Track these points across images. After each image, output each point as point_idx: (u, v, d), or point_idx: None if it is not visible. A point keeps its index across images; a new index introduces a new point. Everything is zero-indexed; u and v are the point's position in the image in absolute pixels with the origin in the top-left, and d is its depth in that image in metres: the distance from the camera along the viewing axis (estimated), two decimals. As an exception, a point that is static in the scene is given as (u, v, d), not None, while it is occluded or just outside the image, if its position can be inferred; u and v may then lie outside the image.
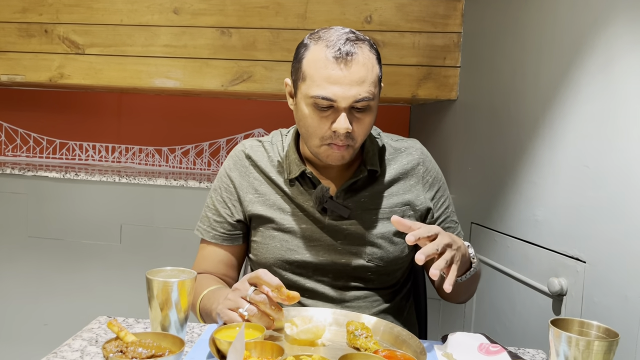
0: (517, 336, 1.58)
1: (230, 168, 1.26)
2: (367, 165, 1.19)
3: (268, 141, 1.27)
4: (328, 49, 1.06)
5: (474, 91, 2.06)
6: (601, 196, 1.24)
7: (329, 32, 1.09)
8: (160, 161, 2.92)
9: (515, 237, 1.62)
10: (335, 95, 1.05)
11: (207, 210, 1.28)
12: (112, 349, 0.79)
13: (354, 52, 1.05)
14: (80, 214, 2.39)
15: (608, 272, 1.21)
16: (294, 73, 1.13)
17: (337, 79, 1.04)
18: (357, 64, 1.05)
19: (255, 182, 1.23)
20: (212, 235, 1.25)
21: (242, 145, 1.28)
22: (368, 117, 1.10)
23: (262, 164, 1.23)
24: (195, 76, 2.34)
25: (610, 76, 1.23)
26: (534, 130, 1.54)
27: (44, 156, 2.96)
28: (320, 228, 1.19)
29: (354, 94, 1.05)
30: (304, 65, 1.09)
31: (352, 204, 1.19)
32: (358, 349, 0.93)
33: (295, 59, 1.13)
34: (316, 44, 1.08)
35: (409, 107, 2.86)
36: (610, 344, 0.76)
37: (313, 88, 1.06)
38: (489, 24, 1.93)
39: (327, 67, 1.05)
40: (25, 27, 2.40)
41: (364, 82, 1.06)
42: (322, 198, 1.16)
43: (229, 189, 1.25)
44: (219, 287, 1.17)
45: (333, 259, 1.18)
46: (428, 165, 1.27)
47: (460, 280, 1.06)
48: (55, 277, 2.40)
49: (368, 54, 1.08)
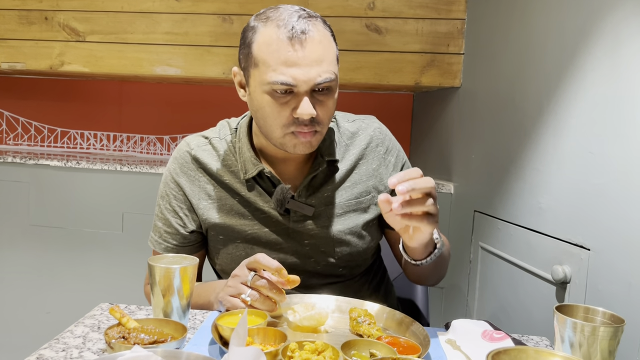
0: (521, 324, 1.58)
1: (176, 173, 1.15)
2: (324, 156, 1.11)
3: (216, 137, 1.16)
4: (280, 29, 0.96)
5: (477, 78, 2.04)
6: (606, 183, 1.23)
7: (277, 10, 1.00)
8: (162, 149, 2.92)
9: (518, 225, 1.61)
10: (295, 79, 0.96)
11: (157, 220, 1.17)
12: (114, 335, 0.79)
13: (309, 29, 0.97)
14: (82, 203, 2.39)
15: (612, 259, 1.21)
16: (243, 60, 1.03)
17: (295, 60, 0.96)
18: (313, 42, 0.97)
19: (207, 186, 1.13)
20: (164, 247, 1.16)
21: (187, 144, 1.16)
22: (331, 99, 1.02)
23: (212, 165, 1.13)
24: (196, 64, 2.32)
25: (617, 61, 1.22)
26: (538, 117, 1.53)
27: (45, 145, 2.95)
28: (284, 231, 1.12)
29: (314, 75, 0.96)
30: (254, 50, 0.99)
31: (315, 201, 1.11)
32: (361, 335, 0.92)
33: (243, 44, 1.03)
34: (265, 25, 0.99)
35: (412, 95, 2.84)
36: (615, 330, 0.76)
37: (269, 74, 0.97)
38: (493, 10, 1.91)
39: (281, 49, 0.96)
40: (26, 14, 2.38)
41: (323, 61, 0.97)
42: (284, 199, 1.08)
43: (179, 196, 1.14)
44: (205, 282, 1.15)
45: (302, 262, 1.13)
46: (388, 144, 1.19)
47: (426, 262, 1.00)
48: (57, 265, 2.40)
49: (323, 30, 1.00)
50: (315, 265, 1.14)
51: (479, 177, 1.94)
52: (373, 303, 1.04)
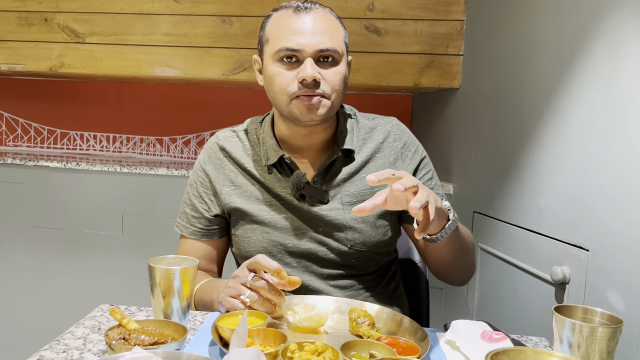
0: (520, 325, 1.58)
1: (205, 161, 1.23)
2: (339, 145, 1.16)
3: (242, 130, 1.25)
4: (287, 9, 1.10)
5: (477, 79, 2.05)
6: (605, 184, 1.24)
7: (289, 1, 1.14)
8: (162, 151, 2.92)
9: (518, 226, 1.62)
10: (299, 44, 1.06)
11: (185, 206, 1.25)
12: (114, 336, 0.79)
13: (313, 7, 1.10)
14: (82, 204, 2.39)
15: (611, 260, 1.21)
16: (259, 44, 1.15)
17: (300, 29, 1.06)
18: (317, 14, 1.09)
19: (231, 174, 1.20)
20: (191, 231, 1.23)
21: (216, 137, 1.25)
22: (336, 68, 1.09)
23: (237, 154, 1.21)
24: (196, 65, 2.32)
25: (616, 62, 1.22)
26: (537, 118, 1.53)
27: (45, 146, 2.95)
28: (301, 216, 1.16)
29: (317, 42, 1.06)
30: (266, 31, 1.12)
31: (329, 188, 1.16)
32: (361, 336, 0.93)
33: (261, 30, 1.15)
34: (277, 11, 1.12)
35: (411, 96, 2.84)
36: (614, 331, 0.76)
37: (276, 43, 1.08)
38: (492, 11, 1.91)
39: (288, 20, 1.08)
40: (25, 15, 2.39)
41: (326, 33, 1.07)
42: (299, 184, 1.14)
43: (205, 183, 1.22)
44: (212, 279, 1.16)
45: (316, 247, 1.16)
46: (406, 139, 1.23)
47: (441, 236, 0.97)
48: (57, 267, 2.41)
49: (329, 14, 1.12)
50: (328, 252, 1.17)
51: (479, 178, 1.94)
52: (372, 304, 1.04)
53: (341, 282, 1.18)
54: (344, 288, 1.18)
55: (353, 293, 1.19)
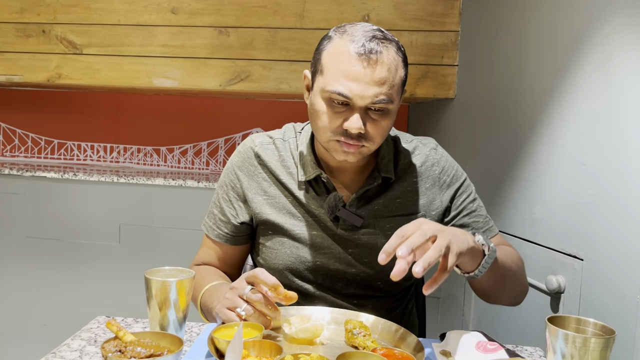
0: (516, 334, 1.58)
1: (238, 166, 1.20)
2: (381, 172, 1.14)
3: (280, 138, 1.21)
4: (352, 44, 1.00)
5: (471, 90, 2.06)
6: (598, 194, 1.25)
7: (355, 27, 1.03)
8: (159, 161, 2.93)
9: (513, 235, 1.62)
10: (352, 92, 0.99)
11: (214, 207, 1.24)
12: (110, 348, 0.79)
13: (379, 50, 0.99)
14: (79, 214, 2.39)
15: (605, 269, 1.22)
16: (313, 65, 1.08)
17: (357, 76, 0.99)
18: (381, 63, 0.99)
19: (264, 183, 1.18)
20: (217, 234, 1.22)
21: (252, 141, 1.21)
22: (385, 120, 1.04)
23: (272, 164, 1.18)
24: (193, 76, 2.34)
25: (607, 74, 1.24)
26: (531, 128, 1.54)
27: (42, 156, 2.95)
28: (331, 236, 1.15)
29: (372, 95, 0.99)
30: (323, 58, 1.04)
31: (365, 213, 1.14)
32: (356, 347, 0.93)
33: (317, 50, 1.07)
34: (340, 38, 1.02)
35: (407, 106, 2.86)
36: (606, 341, 0.76)
37: (330, 82, 1.01)
38: (487, 23, 1.93)
39: (348, 62, 0.99)
40: (23, 27, 2.40)
41: (384, 84, 1.00)
42: (335, 207, 1.12)
43: (236, 188, 1.20)
44: (220, 282, 1.15)
45: (343, 268, 1.15)
46: (444, 164, 1.20)
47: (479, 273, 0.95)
48: (53, 277, 2.40)
49: (394, 55, 1.01)
50: (355, 274, 1.16)
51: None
52: (368, 315, 1.05)
53: (363, 302, 1.17)
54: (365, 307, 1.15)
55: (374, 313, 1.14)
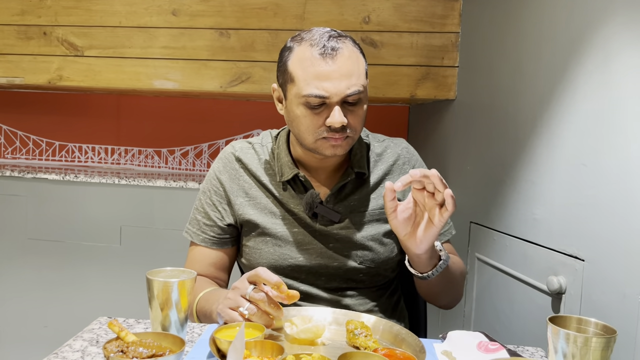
0: (517, 335, 1.58)
1: (220, 171, 1.25)
2: (354, 168, 1.20)
3: (258, 143, 1.26)
4: (313, 48, 1.07)
5: (472, 91, 2.07)
6: (599, 194, 1.25)
7: (310, 32, 1.10)
8: (160, 162, 2.93)
9: (514, 236, 1.62)
10: (327, 90, 1.05)
11: (197, 213, 1.26)
12: (112, 349, 0.79)
13: (339, 47, 1.07)
14: (80, 216, 2.39)
15: (606, 270, 1.22)
16: (281, 76, 1.14)
17: (327, 74, 1.05)
18: (343, 57, 1.06)
19: (246, 185, 1.22)
20: (202, 238, 1.25)
21: (232, 147, 1.27)
22: (360, 108, 1.10)
23: (253, 167, 1.23)
24: (194, 77, 2.34)
25: (608, 74, 1.24)
26: (532, 129, 1.55)
27: (43, 158, 2.96)
28: (311, 232, 1.19)
29: (345, 87, 1.06)
30: (290, 67, 1.10)
31: (342, 208, 1.20)
32: (358, 347, 0.93)
33: (280, 62, 1.13)
34: (300, 45, 1.09)
35: (407, 107, 2.86)
36: (608, 341, 0.76)
37: (304, 87, 1.07)
38: (487, 24, 1.94)
39: (314, 64, 1.06)
40: (24, 29, 2.41)
41: (352, 75, 1.07)
42: (313, 204, 1.17)
43: (219, 192, 1.24)
44: (215, 288, 1.17)
45: (325, 263, 1.19)
46: (414, 162, 1.28)
47: (432, 274, 1.07)
48: (55, 279, 2.40)
49: (352, 47, 1.09)
50: (338, 267, 1.20)
51: (475, 189, 1.95)
52: (369, 315, 1.05)
53: (347, 293, 1.21)
54: (349, 298, 1.21)
55: (358, 301, 1.21)
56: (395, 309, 1.31)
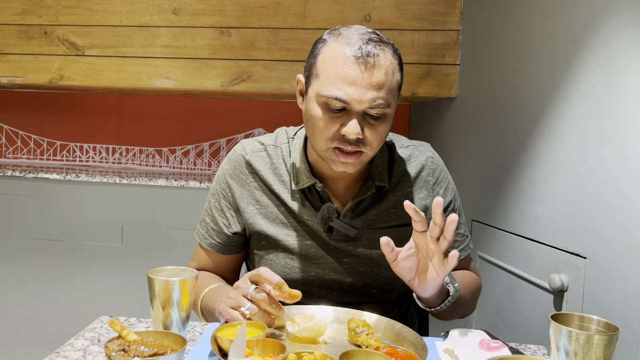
0: (519, 332, 1.58)
1: (229, 174, 1.18)
2: (374, 180, 1.12)
3: (271, 144, 1.18)
4: (348, 47, 0.97)
5: (473, 89, 2.06)
6: (601, 192, 1.24)
7: (350, 29, 1.01)
8: (161, 162, 2.93)
9: (516, 234, 1.62)
10: (350, 97, 0.97)
11: (206, 215, 1.22)
12: (114, 347, 0.79)
13: (377, 53, 0.97)
14: (81, 215, 2.39)
15: (608, 267, 1.22)
16: (308, 69, 1.05)
17: (354, 79, 0.96)
18: (379, 67, 0.97)
19: (256, 192, 1.16)
20: (209, 243, 1.20)
21: (243, 148, 1.18)
22: (383, 125, 1.01)
23: (264, 172, 1.15)
24: (194, 76, 2.34)
25: (610, 72, 1.23)
26: (533, 127, 1.54)
27: (44, 158, 2.96)
28: (325, 246, 1.14)
29: (370, 99, 0.97)
30: (319, 62, 1.01)
31: (359, 223, 1.13)
32: (359, 346, 0.93)
33: (311, 54, 1.04)
34: (336, 41, 1.00)
35: (408, 105, 2.86)
36: (610, 338, 0.76)
37: (326, 87, 0.98)
38: (488, 21, 1.93)
39: (345, 65, 0.97)
40: (25, 29, 2.41)
41: (382, 88, 0.97)
42: (329, 218, 1.11)
43: (228, 197, 1.18)
44: (220, 285, 1.15)
45: (339, 278, 1.15)
46: (438, 174, 1.20)
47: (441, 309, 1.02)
48: (57, 278, 2.41)
49: (391, 58, 0.99)
50: (351, 284, 1.15)
51: (477, 187, 1.95)
52: (371, 313, 1.05)
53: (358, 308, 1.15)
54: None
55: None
56: (406, 317, 1.28)
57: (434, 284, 0.96)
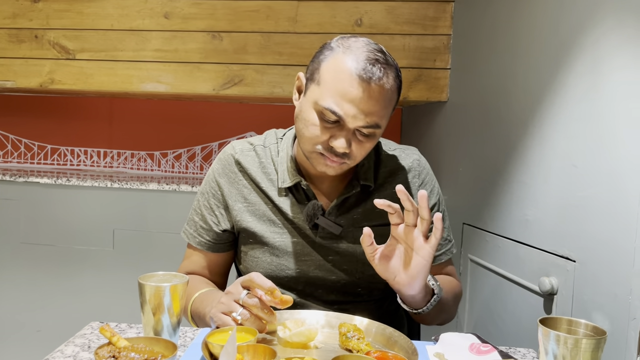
0: (510, 336, 1.59)
1: (219, 173, 1.21)
2: (360, 180, 1.15)
3: (260, 144, 1.21)
4: (355, 63, 0.99)
5: (464, 93, 2.08)
6: (590, 196, 1.26)
7: (358, 43, 1.02)
8: (153, 165, 2.92)
9: (506, 237, 1.63)
10: (346, 114, 0.99)
11: (194, 214, 1.24)
12: (104, 354, 0.79)
13: (381, 77, 0.99)
14: (73, 220, 2.38)
15: (597, 270, 1.23)
16: (310, 71, 1.06)
17: (354, 99, 0.98)
18: (380, 92, 1.00)
19: (245, 190, 1.18)
20: (198, 241, 1.22)
21: (232, 148, 1.22)
22: (370, 142, 1.05)
23: (252, 171, 1.18)
24: (186, 80, 2.34)
25: (598, 76, 1.25)
26: (523, 130, 1.55)
27: (35, 162, 2.94)
28: (311, 243, 1.16)
29: (364, 118, 1.00)
30: (322, 68, 1.02)
31: (344, 221, 1.15)
32: (350, 350, 0.93)
33: (316, 57, 1.06)
34: (344, 53, 1.01)
35: (400, 109, 2.87)
36: (598, 342, 0.77)
37: (326, 97, 1.00)
38: (478, 26, 1.95)
39: (348, 82, 0.98)
40: (16, 32, 2.40)
41: (380, 111, 1.01)
42: (314, 215, 1.13)
43: (217, 195, 1.20)
44: (210, 289, 1.16)
45: (324, 275, 1.16)
46: (424, 177, 1.23)
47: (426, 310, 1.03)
48: (47, 283, 2.39)
49: (392, 82, 1.02)
50: (336, 281, 1.17)
51: (467, 190, 1.96)
52: (362, 318, 1.05)
53: (344, 307, 1.18)
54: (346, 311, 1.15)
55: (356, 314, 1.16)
56: (395, 317, 1.28)
57: (420, 273, 0.97)
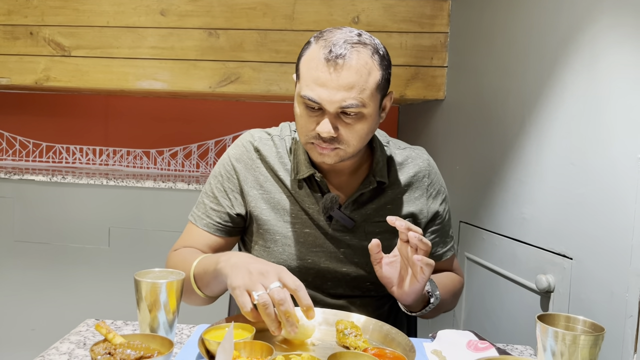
0: (507, 333, 1.59)
1: (236, 158, 1.20)
2: (376, 176, 1.16)
3: (277, 135, 1.22)
4: (322, 50, 1.02)
5: (461, 91, 2.08)
6: (587, 193, 1.26)
7: (333, 32, 1.05)
8: (149, 163, 2.91)
9: (503, 235, 1.63)
10: (321, 98, 1.02)
11: (204, 197, 1.22)
12: (100, 351, 0.79)
13: (347, 55, 1.00)
14: (68, 218, 2.37)
15: (594, 268, 1.23)
16: (296, 70, 1.11)
17: (324, 81, 1.01)
18: (348, 68, 1.00)
19: (261, 177, 1.19)
20: (206, 222, 1.19)
21: (251, 135, 1.22)
22: (360, 124, 1.05)
23: (270, 159, 1.19)
24: (182, 78, 2.33)
25: (595, 74, 1.25)
26: (520, 128, 1.55)
27: (30, 159, 2.93)
28: (324, 234, 1.17)
29: (340, 99, 1.01)
30: (301, 63, 1.07)
31: (357, 216, 1.17)
32: (347, 347, 0.93)
33: (299, 56, 1.10)
34: (316, 43, 1.05)
35: (397, 107, 2.87)
36: (596, 339, 0.77)
37: (304, 87, 1.04)
38: (476, 24, 1.95)
39: (317, 67, 1.02)
40: (10, 29, 2.38)
41: (352, 88, 1.01)
42: (330, 208, 1.14)
43: (232, 179, 1.19)
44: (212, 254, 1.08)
45: (334, 267, 1.17)
46: (433, 177, 1.25)
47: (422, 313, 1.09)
48: (42, 282, 2.38)
49: (365, 58, 1.02)
50: (346, 273, 1.18)
51: (464, 188, 1.96)
52: (359, 315, 1.05)
53: (351, 301, 1.19)
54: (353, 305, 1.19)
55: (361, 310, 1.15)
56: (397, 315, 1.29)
57: (413, 291, 1.01)
